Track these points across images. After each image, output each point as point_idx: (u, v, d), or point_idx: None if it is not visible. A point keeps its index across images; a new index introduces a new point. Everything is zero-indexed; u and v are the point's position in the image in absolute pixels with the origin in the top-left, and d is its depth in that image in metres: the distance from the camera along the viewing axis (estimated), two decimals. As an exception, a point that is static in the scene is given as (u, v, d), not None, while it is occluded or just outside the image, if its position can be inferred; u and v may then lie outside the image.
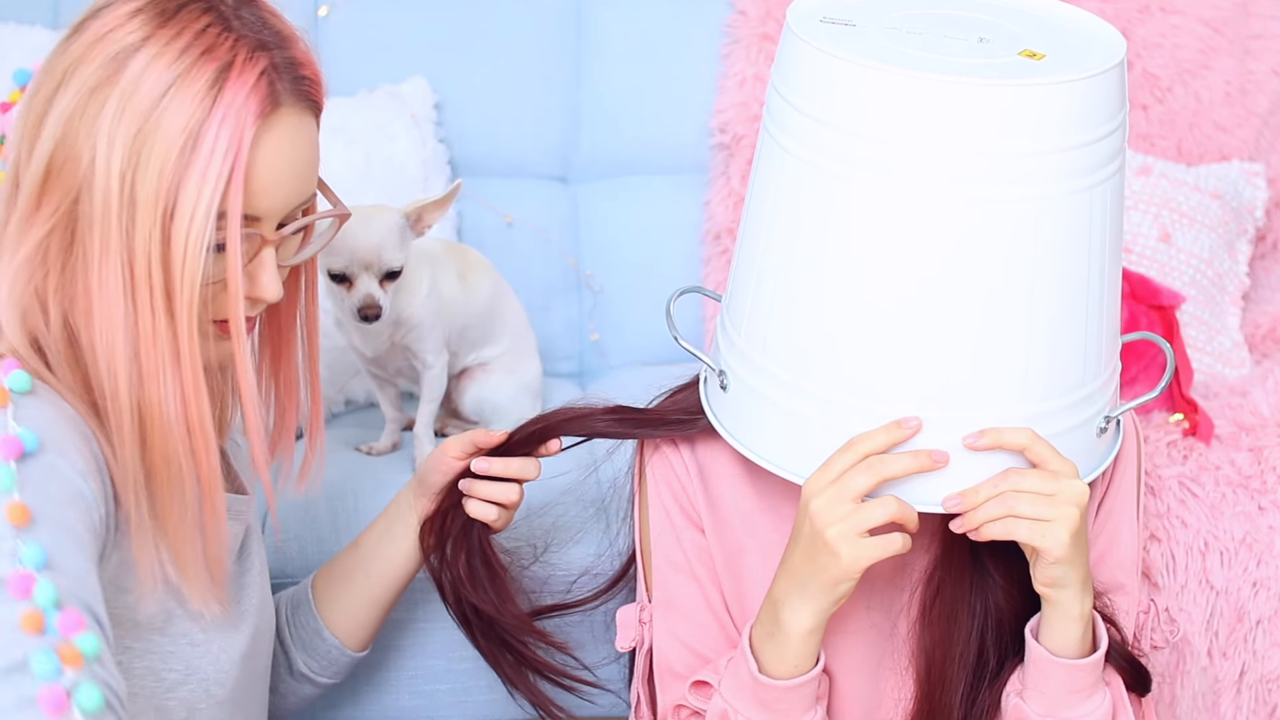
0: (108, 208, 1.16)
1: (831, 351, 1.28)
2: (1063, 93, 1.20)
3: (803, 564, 1.29)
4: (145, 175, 1.16)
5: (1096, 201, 1.25)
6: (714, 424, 1.39)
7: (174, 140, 1.16)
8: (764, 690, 1.34)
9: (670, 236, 2.35)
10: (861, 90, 1.21)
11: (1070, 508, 1.25)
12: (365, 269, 1.77)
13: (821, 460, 1.28)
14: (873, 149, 1.21)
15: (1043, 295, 1.25)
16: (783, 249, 1.30)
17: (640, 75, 2.36)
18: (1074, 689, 1.34)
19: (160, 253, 1.17)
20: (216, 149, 1.17)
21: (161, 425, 1.20)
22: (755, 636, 1.35)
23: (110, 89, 1.16)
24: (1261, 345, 2.29)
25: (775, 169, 1.29)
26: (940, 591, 1.41)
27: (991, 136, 1.19)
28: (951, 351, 1.25)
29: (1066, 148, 1.22)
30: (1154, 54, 2.41)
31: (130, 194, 1.16)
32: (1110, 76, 1.23)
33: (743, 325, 1.35)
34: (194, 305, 1.18)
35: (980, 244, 1.22)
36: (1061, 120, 1.21)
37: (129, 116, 1.16)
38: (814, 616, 1.31)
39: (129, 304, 1.18)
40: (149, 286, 1.17)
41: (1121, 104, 1.27)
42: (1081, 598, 1.30)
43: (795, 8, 1.31)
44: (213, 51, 1.18)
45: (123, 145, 1.16)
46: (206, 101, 1.17)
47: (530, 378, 2.08)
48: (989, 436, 1.26)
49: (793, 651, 1.32)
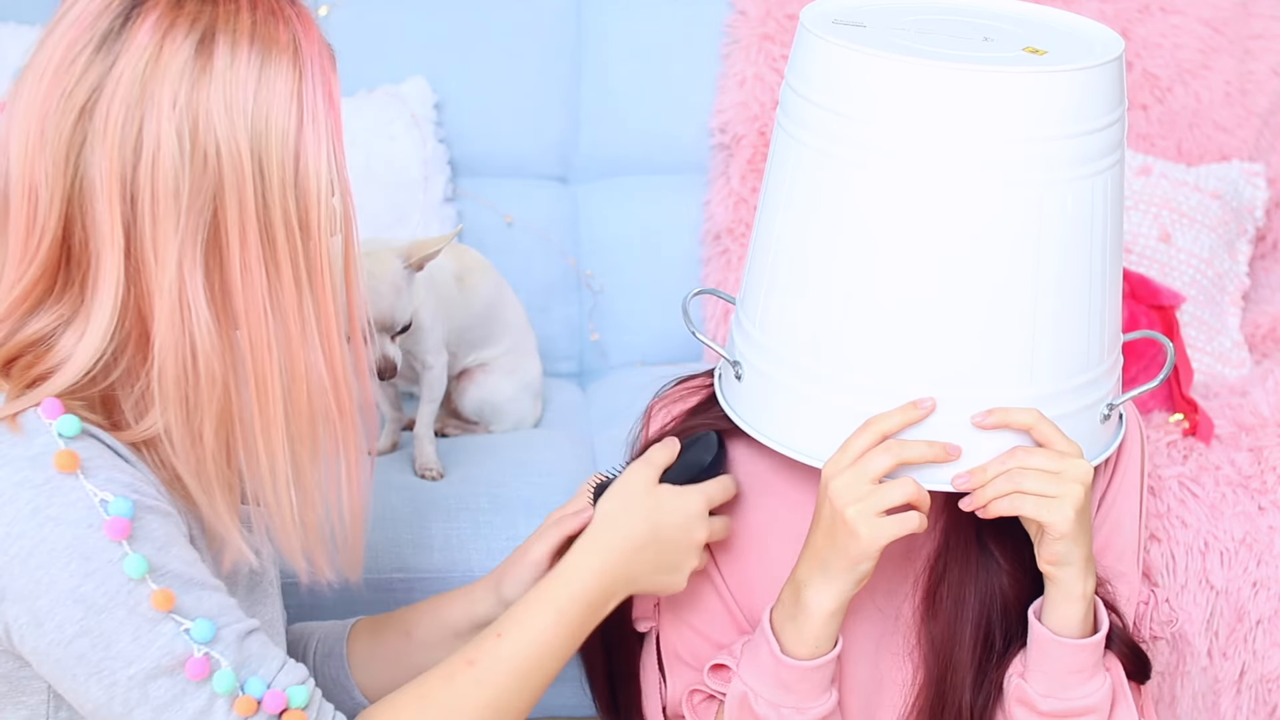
0: (243, 191, 1.17)
1: (844, 335, 1.32)
2: (1066, 81, 1.25)
3: (824, 545, 1.32)
4: (270, 147, 1.17)
5: (1099, 190, 1.30)
6: (729, 413, 1.42)
7: (285, 108, 1.17)
8: (786, 671, 1.36)
9: (670, 236, 2.35)
10: (873, 79, 1.26)
11: (1075, 485, 1.29)
12: (379, 330, 1.78)
13: (836, 443, 1.32)
14: (884, 136, 1.26)
15: (1049, 279, 1.29)
16: (797, 236, 1.34)
17: (640, 75, 2.36)
18: (1075, 669, 1.36)
19: (296, 209, 1.18)
20: (317, 93, 1.19)
21: (310, 386, 1.21)
22: (776, 618, 1.37)
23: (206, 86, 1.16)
24: (1261, 345, 2.29)
25: (790, 161, 1.34)
26: (945, 576, 1.43)
27: (997, 122, 1.25)
28: (961, 333, 1.29)
29: (1069, 135, 1.27)
30: (1154, 54, 2.41)
31: (259, 168, 1.17)
32: (1110, 69, 1.29)
33: (757, 315, 1.39)
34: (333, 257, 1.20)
35: (987, 228, 1.27)
36: (1064, 108, 1.26)
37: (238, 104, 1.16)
38: (837, 598, 1.33)
39: (272, 277, 1.19)
40: (289, 255, 1.19)
41: (1121, 99, 1.32)
42: (1084, 577, 1.33)
43: (809, 10, 1.37)
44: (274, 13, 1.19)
45: (244, 130, 1.16)
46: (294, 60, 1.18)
47: (531, 378, 2.09)
48: (996, 415, 1.30)
49: (814, 632, 1.35)
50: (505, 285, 2.06)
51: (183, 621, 1.14)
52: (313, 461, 1.23)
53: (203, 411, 1.19)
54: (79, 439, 1.16)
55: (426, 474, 1.92)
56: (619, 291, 2.33)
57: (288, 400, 1.21)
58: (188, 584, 1.16)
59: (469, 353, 2.02)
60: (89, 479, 1.14)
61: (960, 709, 1.42)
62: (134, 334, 1.18)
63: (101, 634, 1.13)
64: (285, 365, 1.20)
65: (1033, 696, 1.37)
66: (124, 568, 1.13)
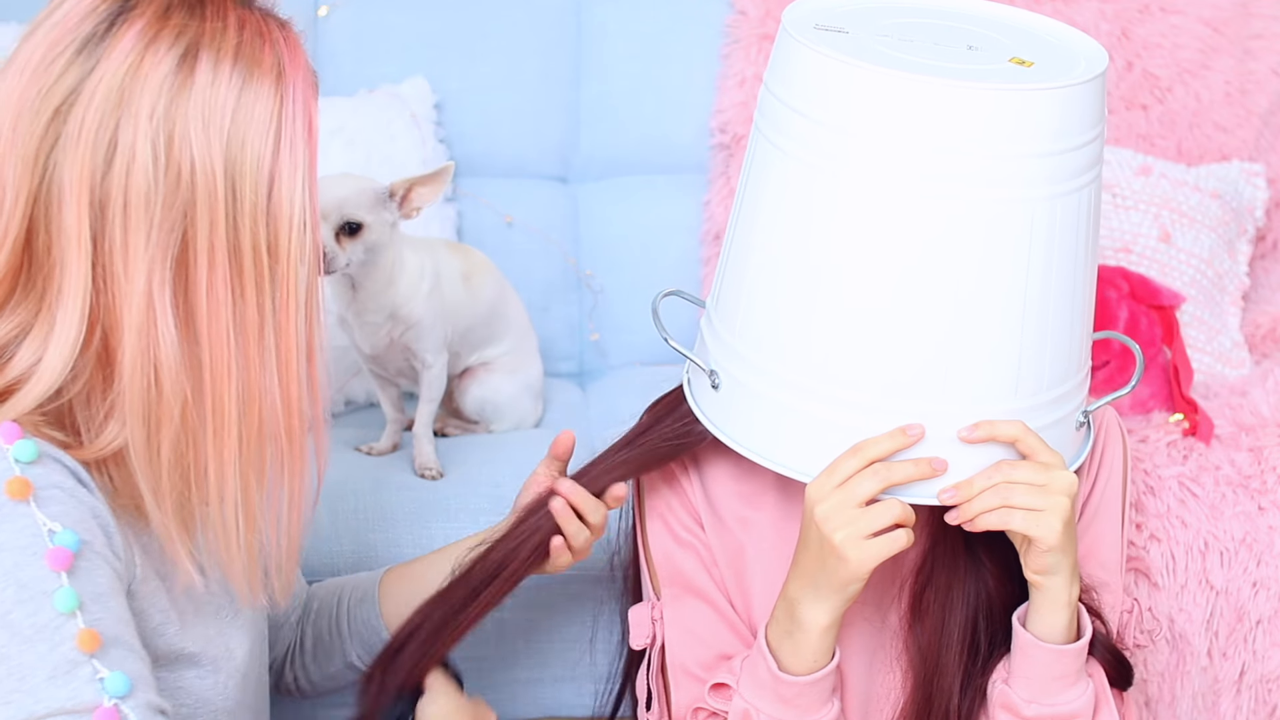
0: (214, 211, 1.15)
1: (823, 345, 1.30)
2: (1045, 99, 1.24)
3: (813, 567, 1.32)
4: (244, 170, 1.16)
5: (1082, 204, 1.29)
6: (704, 423, 1.41)
7: (263, 132, 1.16)
8: (784, 687, 1.36)
9: (670, 236, 2.35)
10: (851, 88, 1.24)
11: (1062, 497, 1.29)
12: (323, 219, 1.76)
13: (820, 457, 1.31)
14: (862, 147, 1.25)
15: (1034, 292, 1.28)
16: (775, 245, 1.32)
17: (640, 75, 2.36)
18: (1058, 675, 1.37)
19: (266, 234, 1.17)
20: (296, 120, 1.18)
21: (264, 410, 1.20)
22: (771, 635, 1.37)
23: (185, 102, 1.14)
24: (1261, 345, 2.29)
25: (767, 166, 1.32)
26: (931, 580, 1.44)
27: (978, 138, 1.23)
28: (941, 348, 1.28)
29: (1050, 153, 1.25)
30: (1154, 54, 2.41)
31: (232, 190, 1.15)
32: (1091, 87, 1.27)
33: (735, 323, 1.37)
34: (301, 285, 1.19)
35: (960, 242, 1.26)
36: (1045, 126, 1.24)
37: (215, 123, 1.15)
38: (830, 613, 1.33)
39: (237, 300, 1.17)
40: (255, 280, 1.17)
41: (1100, 116, 1.31)
42: (1070, 585, 1.34)
43: (790, 12, 1.35)
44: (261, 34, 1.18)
45: (219, 149, 1.15)
46: (276, 84, 1.17)
47: (532, 378, 2.09)
48: (983, 429, 1.30)
49: (811, 648, 1.35)
50: (508, 285, 2.06)
51: (100, 670, 1.12)
52: (259, 485, 1.23)
53: (162, 427, 1.17)
54: (36, 463, 1.14)
55: (426, 473, 1.92)
56: (619, 291, 2.33)
57: (242, 422, 1.20)
58: (115, 640, 1.14)
59: (472, 352, 2.02)
60: (41, 508, 1.13)
61: (948, 712, 1.42)
62: (96, 348, 1.17)
63: (19, 664, 1.10)
64: (242, 387, 1.19)
65: (1016, 702, 1.38)
66: (54, 600, 1.11)
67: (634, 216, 2.36)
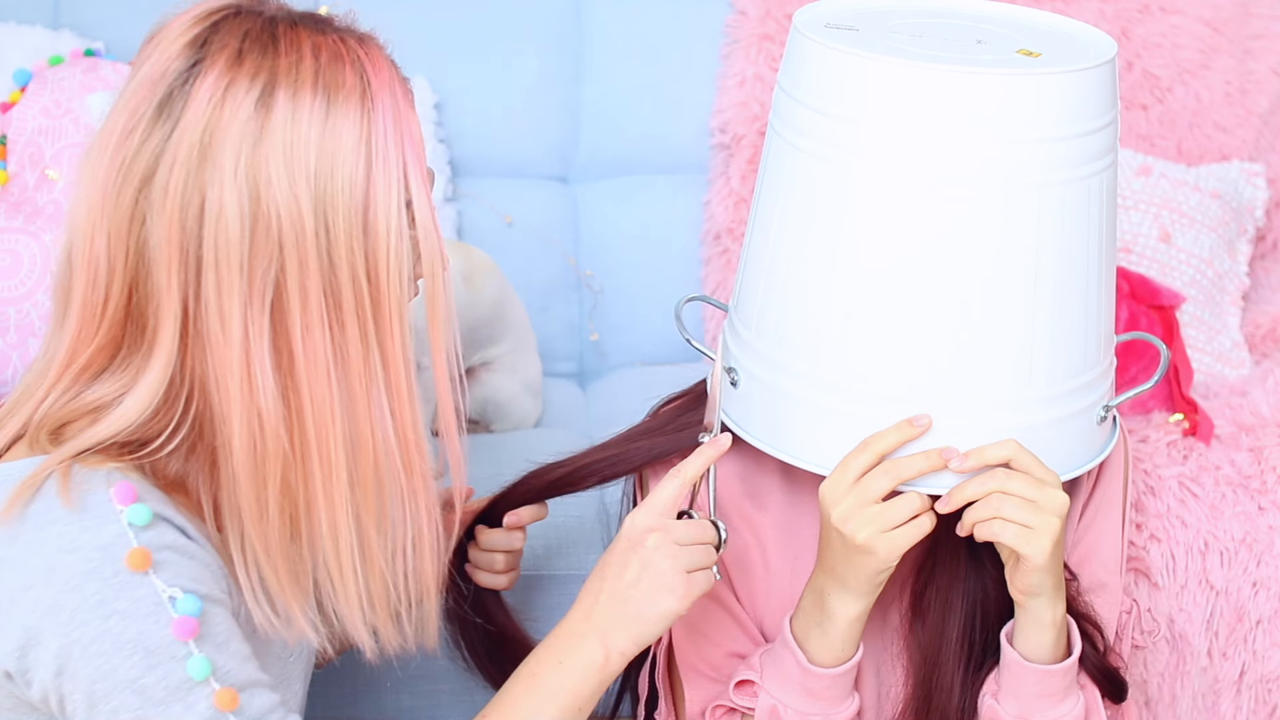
0: (304, 251, 1.13)
1: (841, 339, 1.31)
2: (1058, 83, 1.25)
3: (841, 565, 1.32)
4: (335, 200, 1.14)
5: (1094, 191, 1.30)
6: (725, 420, 1.41)
7: (353, 156, 1.14)
8: (813, 679, 1.37)
9: (670, 236, 2.35)
10: (865, 81, 1.26)
11: (1053, 517, 1.29)
12: None
13: (836, 449, 1.31)
14: (877, 138, 1.26)
15: (1047, 281, 1.29)
16: (792, 241, 1.33)
17: (640, 75, 2.36)
18: (1045, 693, 1.37)
19: (365, 260, 1.15)
20: (388, 134, 1.16)
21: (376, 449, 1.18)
22: (798, 627, 1.38)
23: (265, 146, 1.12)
24: (1261, 345, 2.29)
25: (783, 165, 1.34)
26: (933, 578, 1.44)
27: (990, 125, 1.24)
28: (959, 336, 1.29)
29: (1064, 137, 1.26)
30: (1154, 54, 2.41)
31: (324, 226, 1.14)
32: (1103, 71, 1.29)
33: (753, 320, 1.38)
34: (403, 305, 1.17)
35: (975, 228, 1.27)
36: (1058, 110, 1.25)
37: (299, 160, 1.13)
38: (860, 601, 1.35)
39: (336, 335, 1.15)
40: (355, 309, 1.15)
41: (1114, 102, 1.32)
42: (1054, 604, 1.34)
43: (802, 14, 1.36)
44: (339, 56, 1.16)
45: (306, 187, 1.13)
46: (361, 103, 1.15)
47: (532, 377, 2.09)
48: (974, 457, 1.30)
49: (840, 637, 1.36)
50: (509, 285, 2.06)
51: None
52: (378, 529, 1.20)
53: (269, 485, 1.16)
54: (149, 528, 1.14)
55: (426, 474, 1.91)
56: (619, 291, 2.33)
57: (352, 466, 1.18)
58: (244, 684, 1.15)
59: (473, 352, 2.02)
60: (158, 575, 1.13)
61: (947, 710, 1.43)
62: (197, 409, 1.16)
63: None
64: (349, 430, 1.17)
65: (1005, 718, 1.38)
66: (187, 668, 1.13)
67: (634, 216, 2.36)
